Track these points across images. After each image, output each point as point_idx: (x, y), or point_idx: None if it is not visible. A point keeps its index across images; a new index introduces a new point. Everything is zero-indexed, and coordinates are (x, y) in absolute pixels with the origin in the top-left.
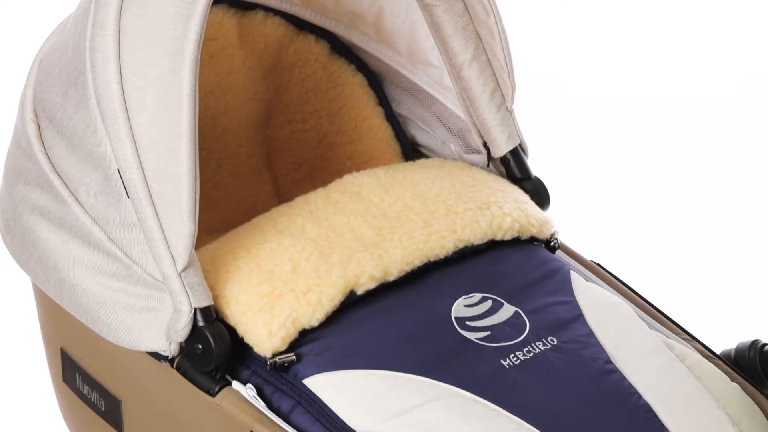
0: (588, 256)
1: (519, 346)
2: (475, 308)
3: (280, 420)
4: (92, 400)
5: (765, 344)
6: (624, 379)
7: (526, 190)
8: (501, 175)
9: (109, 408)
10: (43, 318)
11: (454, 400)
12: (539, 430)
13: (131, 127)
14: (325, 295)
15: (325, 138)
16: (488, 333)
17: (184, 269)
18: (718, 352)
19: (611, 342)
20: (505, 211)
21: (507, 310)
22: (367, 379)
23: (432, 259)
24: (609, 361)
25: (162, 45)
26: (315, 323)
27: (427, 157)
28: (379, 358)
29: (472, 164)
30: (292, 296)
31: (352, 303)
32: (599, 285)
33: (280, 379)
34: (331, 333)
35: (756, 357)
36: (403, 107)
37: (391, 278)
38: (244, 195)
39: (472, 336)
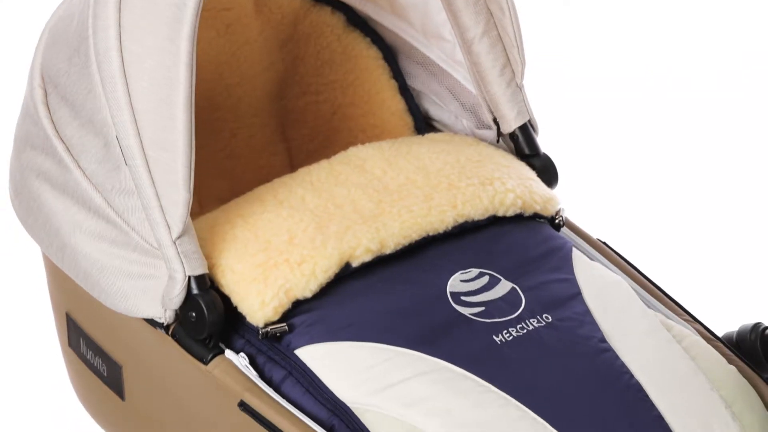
0: (595, 234)
1: (513, 323)
2: (471, 283)
3: (271, 390)
4: (95, 365)
5: (766, 327)
6: (617, 358)
7: (534, 167)
8: (510, 151)
9: (110, 373)
10: (51, 283)
11: (443, 374)
12: (527, 406)
13: (129, 95)
14: (320, 266)
15: (339, 110)
16: (483, 309)
17: (179, 237)
18: (721, 334)
19: (608, 321)
20: (508, 187)
21: (503, 286)
22: (358, 352)
23: (431, 234)
24: (603, 340)
25: (161, 13)
26: (308, 294)
27: (440, 131)
28: (371, 331)
29: (483, 140)
30: (286, 267)
31: (347, 275)
32: (603, 264)
33: (273, 349)
34: (324, 304)
35: (757, 340)
36: (417, 81)
37: (388, 251)
38: (258, 165)
39: (466, 311)
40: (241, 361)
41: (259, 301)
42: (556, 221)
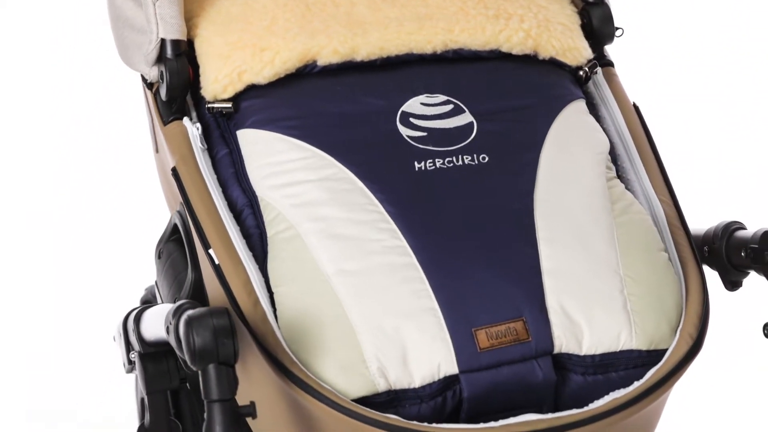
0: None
1: (444, 155)
2: (430, 108)
3: (206, 163)
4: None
5: (738, 228)
6: (530, 214)
7: (591, 17)
8: None
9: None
10: None
11: (342, 185)
12: (405, 236)
13: None
14: (280, 56)
15: None
16: (424, 134)
17: None
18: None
19: (549, 177)
20: (524, 26)
21: (461, 119)
22: (281, 145)
23: (416, 52)
24: (528, 194)
25: None
26: (262, 81)
27: None
28: (305, 129)
29: None
30: (250, 50)
31: (314, 74)
32: (615, 123)
33: (224, 126)
34: (277, 94)
35: (724, 240)
36: None
37: (358, 58)
38: None
39: (405, 132)
40: (193, 130)
41: (213, 77)
42: (580, 73)
